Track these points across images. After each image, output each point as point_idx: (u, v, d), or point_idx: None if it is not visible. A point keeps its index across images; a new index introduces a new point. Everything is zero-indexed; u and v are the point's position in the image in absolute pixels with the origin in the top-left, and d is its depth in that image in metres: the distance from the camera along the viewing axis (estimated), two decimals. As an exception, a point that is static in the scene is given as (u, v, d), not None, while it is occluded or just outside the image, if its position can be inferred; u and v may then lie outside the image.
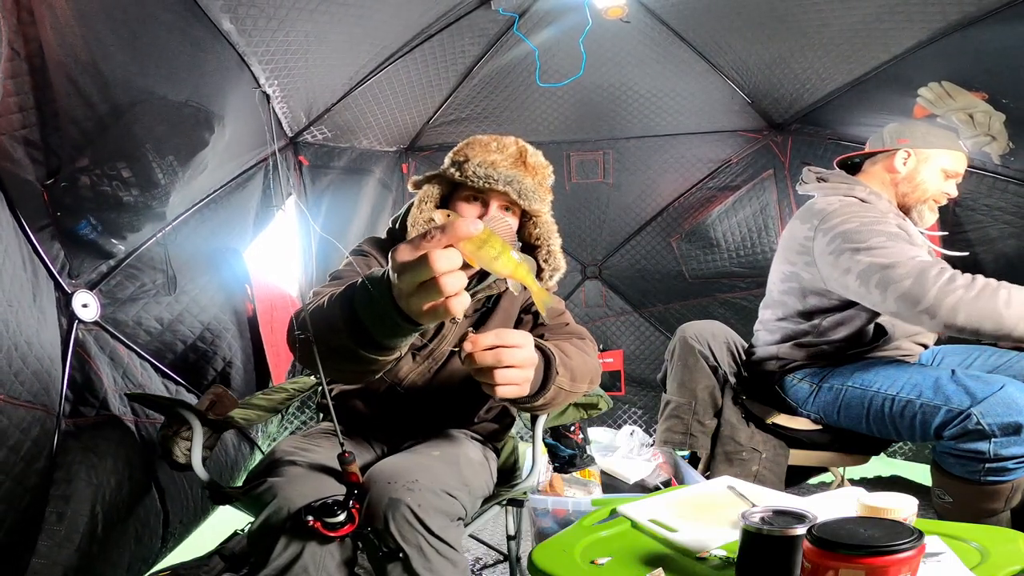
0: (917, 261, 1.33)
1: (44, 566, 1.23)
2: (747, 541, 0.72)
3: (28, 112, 1.25)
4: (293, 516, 0.93)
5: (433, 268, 0.63)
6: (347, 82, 2.33)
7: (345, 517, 0.91)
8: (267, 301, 2.31)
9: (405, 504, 0.93)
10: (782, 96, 2.59)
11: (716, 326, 1.86)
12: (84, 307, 1.52)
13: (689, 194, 3.01)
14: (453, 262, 0.64)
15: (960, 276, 1.29)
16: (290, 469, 1.01)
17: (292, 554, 0.93)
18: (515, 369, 0.79)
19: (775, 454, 1.70)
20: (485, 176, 1.15)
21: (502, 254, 0.69)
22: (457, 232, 0.64)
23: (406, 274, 0.65)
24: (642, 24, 2.40)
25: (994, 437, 1.27)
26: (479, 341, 0.78)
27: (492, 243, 0.67)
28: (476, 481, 1.10)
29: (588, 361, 1.08)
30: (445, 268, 0.63)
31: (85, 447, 1.40)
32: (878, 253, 1.38)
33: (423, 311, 0.67)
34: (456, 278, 0.64)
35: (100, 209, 1.50)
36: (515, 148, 1.21)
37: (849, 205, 1.54)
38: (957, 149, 1.60)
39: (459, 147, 1.22)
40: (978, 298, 1.24)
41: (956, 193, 1.62)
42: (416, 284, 0.65)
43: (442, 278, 0.63)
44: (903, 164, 1.60)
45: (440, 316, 0.68)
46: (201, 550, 1.74)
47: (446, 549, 0.95)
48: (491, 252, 0.68)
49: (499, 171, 1.15)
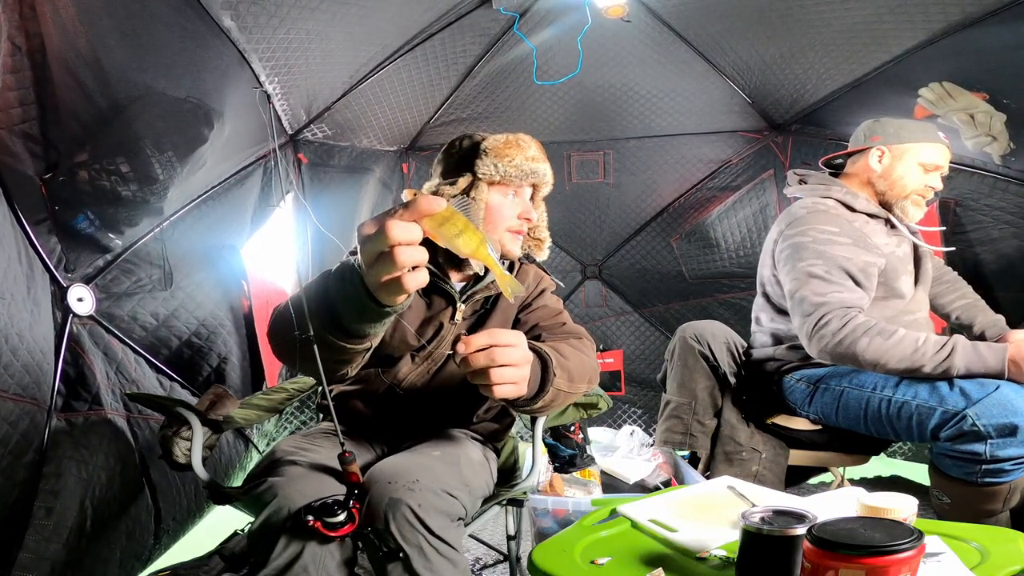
0: (818, 300, 1.47)
1: (32, 560, 1.23)
2: (747, 541, 0.72)
3: (28, 106, 1.25)
4: (293, 516, 0.93)
5: (388, 237, 0.65)
6: (348, 80, 2.33)
7: (345, 517, 0.91)
8: (264, 298, 2.30)
9: (406, 504, 0.93)
10: (782, 96, 2.59)
11: (716, 326, 1.86)
12: (79, 301, 1.51)
13: (689, 194, 3.01)
14: (409, 234, 0.65)
15: (837, 322, 1.43)
16: (290, 469, 1.01)
17: (292, 554, 0.93)
18: (511, 368, 0.78)
19: (775, 454, 1.70)
20: (532, 171, 1.20)
21: (463, 232, 0.70)
22: (419, 208, 0.66)
23: (367, 245, 0.67)
24: (643, 24, 2.40)
25: (990, 438, 1.27)
26: (472, 342, 0.78)
27: (454, 221, 0.68)
28: (476, 481, 1.09)
29: (586, 361, 1.08)
30: (400, 238, 0.65)
31: (76, 442, 1.40)
32: (802, 281, 1.51)
33: (380, 284, 0.69)
34: (411, 251, 0.66)
35: (98, 204, 1.49)
36: (535, 144, 1.25)
37: (815, 214, 1.57)
38: (933, 141, 1.58)
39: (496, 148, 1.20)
40: (839, 344, 1.42)
41: (941, 186, 1.60)
42: (375, 255, 0.67)
43: (397, 249, 0.65)
44: (878, 162, 1.61)
45: (397, 291, 0.69)
46: (201, 550, 1.73)
47: (446, 549, 0.94)
48: (452, 230, 0.69)
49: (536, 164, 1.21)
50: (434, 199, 0.67)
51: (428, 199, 0.66)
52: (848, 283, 1.49)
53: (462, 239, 0.70)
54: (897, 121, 1.63)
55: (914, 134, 1.59)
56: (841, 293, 1.47)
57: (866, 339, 1.40)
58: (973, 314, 1.72)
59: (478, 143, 1.21)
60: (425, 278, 0.69)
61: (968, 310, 1.74)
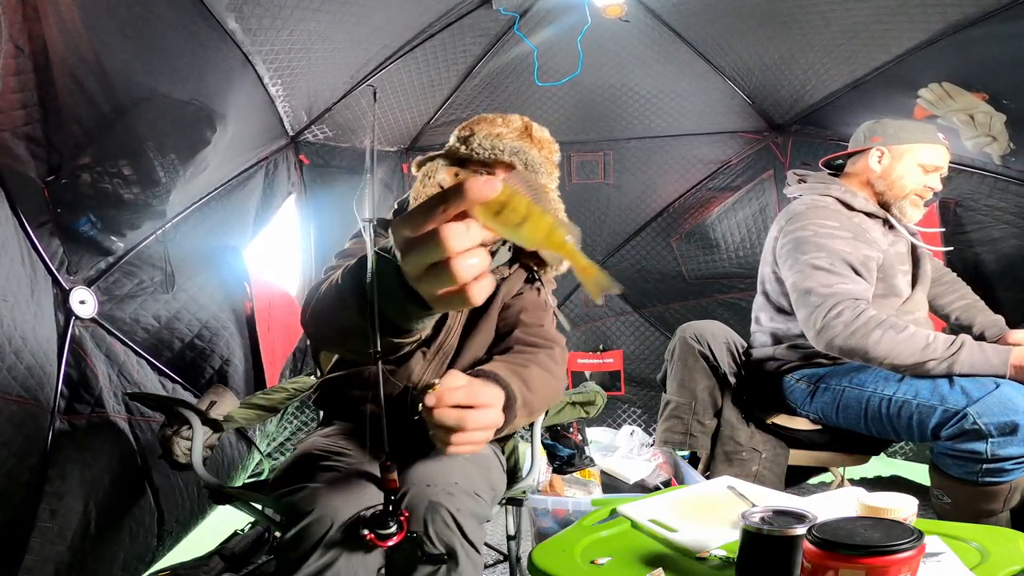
0: (827, 291, 1.46)
1: (36, 563, 1.23)
2: (747, 541, 0.72)
3: (31, 109, 1.25)
4: (344, 528, 0.90)
5: (445, 247, 0.49)
6: (348, 81, 2.33)
7: (397, 527, 0.89)
8: (265, 300, 2.30)
9: (445, 508, 0.92)
10: (782, 97, 2.59)
11: (716, 326, 1.86)
12: (82, 303, 1.52)
13: (689, 195, 3.01)
14: (471, 238, 0.50)
15: (849, 313, 1.42)
16: (326, 475, 0.98)
17: (326, 561, 0.90)
18: (479, 432, 0.72)
19: (775, 454, 1.70)
20: (491, 148, 1.12)
21: (528, 218, 0.52)
22: (471, 194, 0.49)
23: (412, 254, 0.52)
24: (642, 24, 2.40)
25: (991, 437, 1.27)
26: (444, 396, 0.70)
27: (514, 205, 0.51)
28: (500, 484, 1.10)
29: (550, 389, 1.05)
30: (461, 246, 0.49)
31: (79, 444, 1.40)
32: (807, 274, 1.51)
33: (437, 298, 0.53)
34: (475, 258, 0.51)
35: (100, 206, 1.50)
36: (520, 123, 1.19)
37: (815, 210, 1.58)
38: (933, 142, 1.59)
39: (465, 123, 1.20)
40: (852, 335, 1.41)
41: (940, 186, 1.61)
42: (425, 267, 0.52)
43: (457, 260, 0.50)
44: (877, 163, 1.62)
45: (458, 304, 0.54)
46: (201, 550, 1.73)
47: (472, 552, 0.94)
48: (513, 217, 0.51)
49: (505, 142, 1.13)
50: (488, 180, 0.50)
51: (479, 181, 0.49)
52: (852, 275, 1.49)
53: (527, 227, 0.52)
54: (897, 122, 1.63)
55: (914, 135, 1.60)
56: (847, 284, 1.47)
57: (879, 331, 1.39)
58: (972, 315, 1.72)
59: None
60: (492, 284, 0.53)
61: (967, 311, 1.74)
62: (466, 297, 0.52)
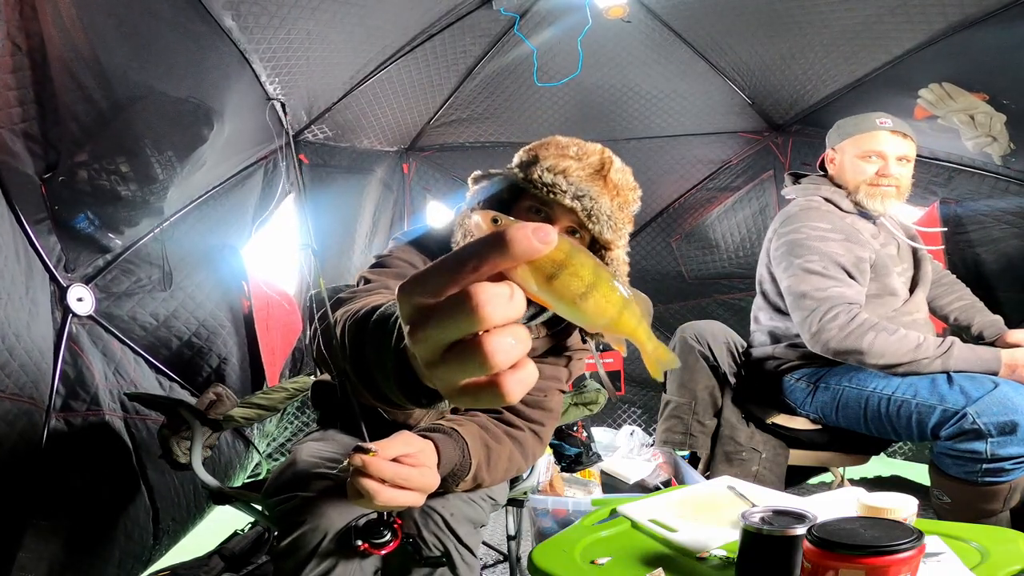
0: (821, 295, 1.48)
1: (31, 560, 1.23)
2: (747, 541, 0.72)
3: (28, 106, 1.25)
4: (337, 537, 0.89)
5: (478, 316, 0.33)
6: (348, 81, 2.33)
7: (391, 535, 0.89)
8: (263, 299, 2.30)
9: (438, 513, 0.92)
10: (782, 97, 2.59)
11: (716, 326, 1.86)
12: (79, 301, 1.51)
13: (689, 195, 3.01)
14: (515, 307, 0.34)
15: (844, 316, 1.45)
16: (318, 484, 0.95)
17: (324, 569, 0.89)
18: (408, 494, 0.69)
19: (775, 454, 1.70)
20: (552, 184, 0.91)
21: (595, 287, 0.38)
22: (517, 245, 0.33)
23: (428, 328, 0.35)
24: (643, 25, 2.40)
25: (990, 437, 1.27)
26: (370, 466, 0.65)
27: (575, 268, 0.37)
28: (500, 492, 1.09)
29: (510, 471, 0.99)
30: (499, 316, 0.34)
31: (74, 442, 1.40)
32: (800, 277, 1.53)
33: (458, 390, 0.36)
34: (514, 338, 0.34)
35: (98, 204, 1.49)
36: (598, 157, 0.96)
37: (807, 212, 1.60)
38: (867, 130, 1.59)
39: (533, 144, 1.00)
40: (846, 338, 1.44)
41: (899, 171, 1.58)
42: (443, 346, 0.35)
43: (492, 338, 0.34)
44: (832, 164, 1.67)
45: (486, 402, 0.36)
46: (201, 550, 1.73)
47: (468, 556, 0.94)
48: (575, 284, 0.37)
49: (571, 180, 0.92)
50: (540, 228, 0.34)
51: (528, 229, 0.34)
52: (845, 278, 1.51)
53: (592, 303, 0.38)
54: (841, 121, 1.67)
55: (846, 129, 1.63)
56: (841, 288, 1.49)
57: (872, 334, 1.42)
58: (971, 315, 1.73)
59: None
60: (535, 374, 0.36)
61: (966, 311, 1.74)
62: (499, 392, 0.35)
